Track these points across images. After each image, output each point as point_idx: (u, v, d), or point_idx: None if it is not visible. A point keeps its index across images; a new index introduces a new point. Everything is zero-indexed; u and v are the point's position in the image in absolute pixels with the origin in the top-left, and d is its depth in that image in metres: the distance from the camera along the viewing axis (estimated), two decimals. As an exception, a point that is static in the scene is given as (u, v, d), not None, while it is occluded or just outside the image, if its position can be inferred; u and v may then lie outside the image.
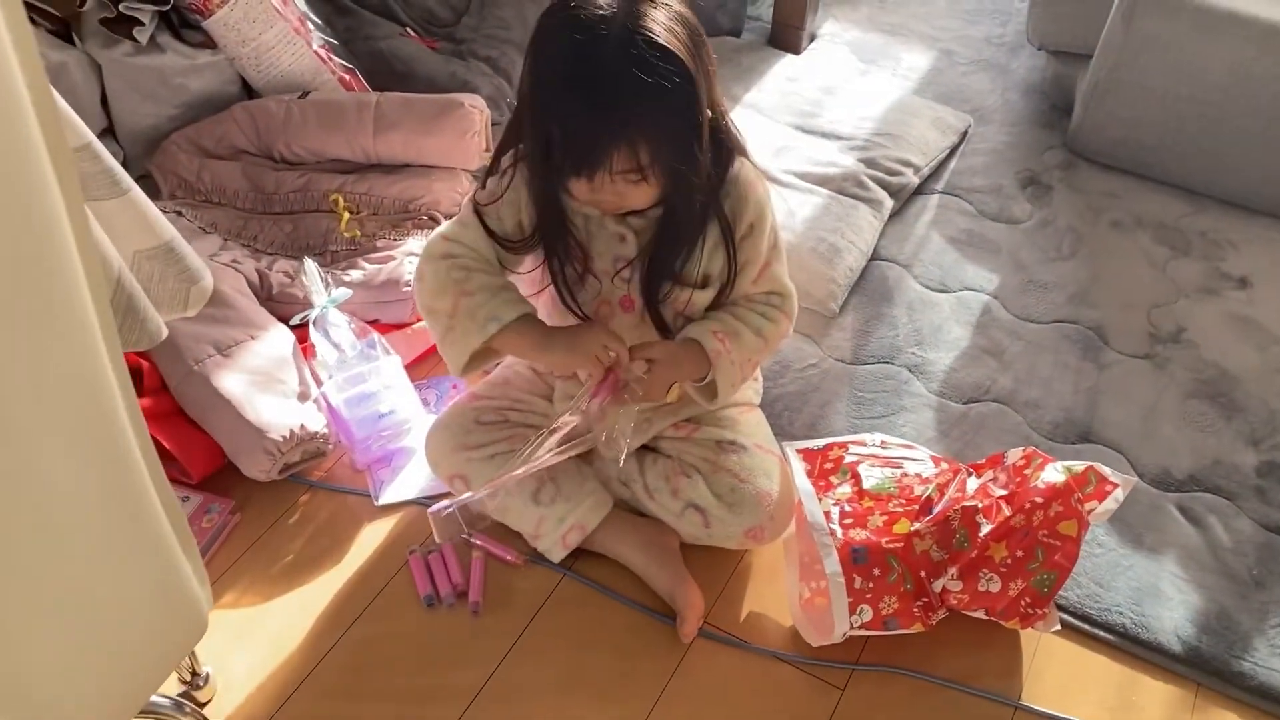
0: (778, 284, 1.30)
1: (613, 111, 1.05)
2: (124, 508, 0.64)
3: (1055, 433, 1.59)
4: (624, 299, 1.28)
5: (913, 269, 1.85)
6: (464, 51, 2.05)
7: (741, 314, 1.28)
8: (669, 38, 1.04)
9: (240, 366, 1.46)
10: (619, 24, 1.03)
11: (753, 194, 1.23)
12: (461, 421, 1.37)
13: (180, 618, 0.75)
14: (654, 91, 1.03)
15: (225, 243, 1.73)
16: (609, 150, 1.06)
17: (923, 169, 2.00)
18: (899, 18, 2.51)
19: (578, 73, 1.04)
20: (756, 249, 1.25)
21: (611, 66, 1.03)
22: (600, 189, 1.11)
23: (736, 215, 1.23)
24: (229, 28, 1.79)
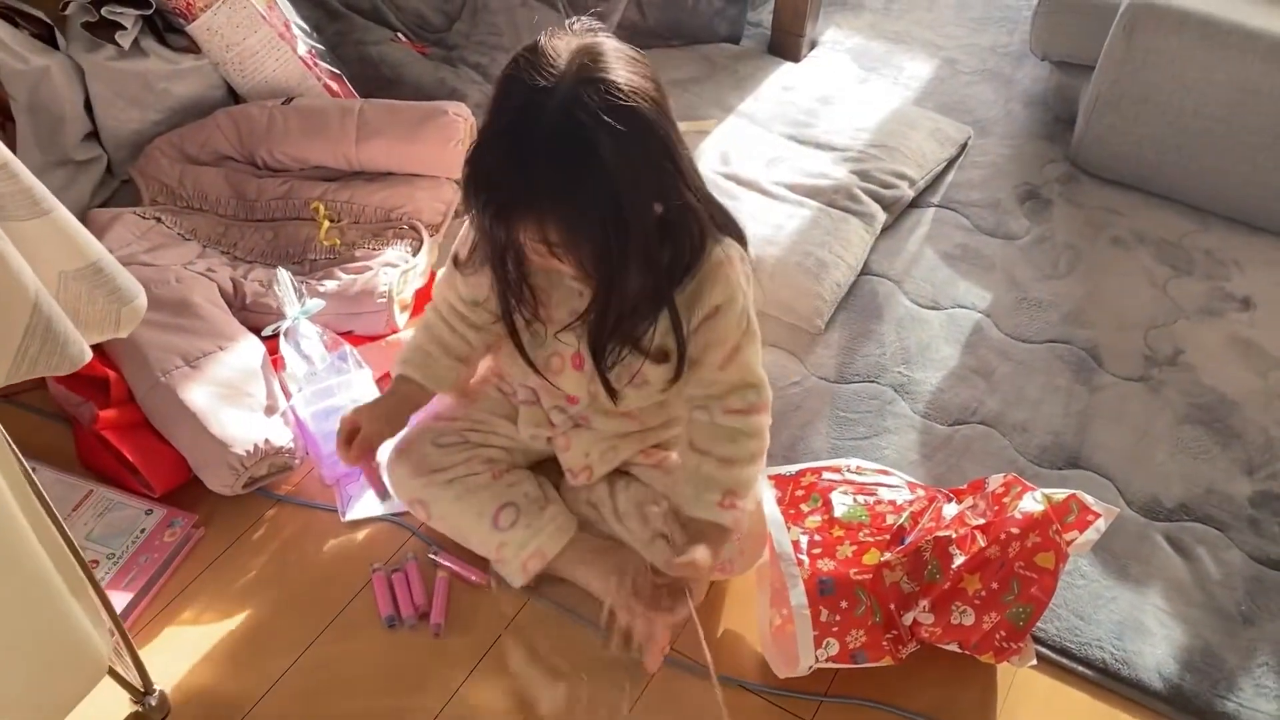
0: (749, 373, 1.21)
1: (523, 183, 0.98)
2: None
3: (1042, 457, 1.54)
4: (575, 356, 1.23)
5: (904, 285, 1.81)
6: (454, 58, 2.03)
7: (729, 452, 1.21)
8: (596, 134, 0.95)
9: (207, 379, 1.43)
10: (556, 97, 0.96)
11: (722, 275, 1.14)
12: (418, 444, 1.34)
13: (70, 663, 0.72)
14: (571, 177, 0.97)
15: (204, 250, 1.71)
16: (516, 217, 1.01)
17: (918, 182, 1.96)
18: (903, 25, 2.47)
19: (507, 132, 0.99)
20: (720, 331, 1.17)
21: (533, 138, 0.96)
22: (535, 250, 1.06)
23: (699, 296, 1.15)
24: (213, 32, 1.78)
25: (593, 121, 0.95)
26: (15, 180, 0.78)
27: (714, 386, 1.21)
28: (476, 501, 1.30)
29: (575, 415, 1.32)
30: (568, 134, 0.96)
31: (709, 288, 1.14)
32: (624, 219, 1.01)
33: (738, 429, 1.22)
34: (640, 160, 1.00)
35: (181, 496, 1.42)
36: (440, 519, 1.33)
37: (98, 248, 0.86)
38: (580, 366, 1.23)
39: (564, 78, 0.96)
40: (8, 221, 0.78)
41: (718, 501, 1.21)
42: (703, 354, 1.18)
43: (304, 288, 1.58)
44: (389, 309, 1.60)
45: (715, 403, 1.21)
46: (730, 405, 1.21)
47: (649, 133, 1.00)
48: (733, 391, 1.21)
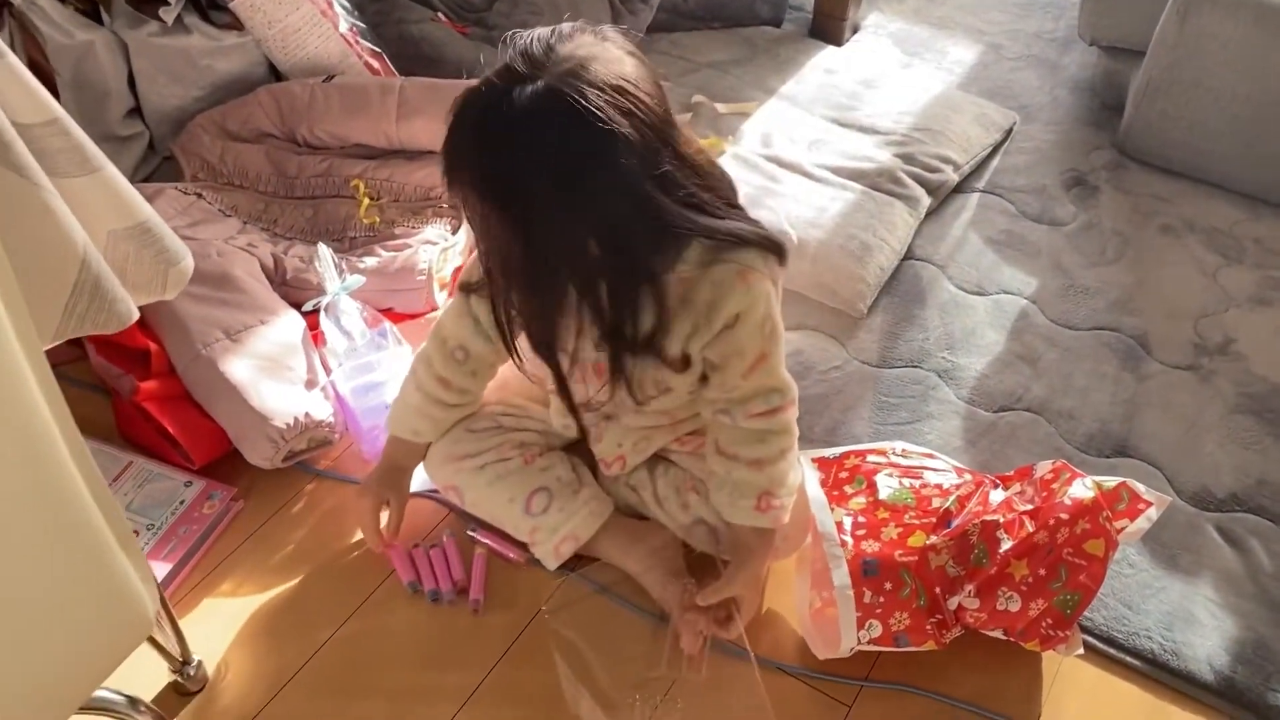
0: (774, 379, 1.18)
1: (455, 148, 1.00)
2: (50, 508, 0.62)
3: (1089, 445, 1.51)
4: (597, 364, 1.18)
5: (948, 270, 1.78)
6: (494, 38, 2.00)
7: (758, 454, 1.19)
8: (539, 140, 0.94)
9: (248, 352, 1.43)
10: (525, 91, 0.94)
11: (740, 285, 1.10)
12: (453, 430, 1.33)
13: (118, 616, 0.72)
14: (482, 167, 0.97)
15: (244, 226, 1.71)
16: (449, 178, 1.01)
17: (963, 166, 1.93)
18: (946, 10, 2.44)
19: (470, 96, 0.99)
20: (740, 340, 1.13)
21: (482, 118, 0.97)
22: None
23: (716, 306, 1.10)
24: (256, 9, 1.78)
25: (537, 129, 0.93)
26: (66, 136, 0.78)
27: (735, 392, 1.17)
28: (508, 487, 1.30)
29: (604, 412, 1.31)
30: (510, 129, 0.94)
31: (727, 297, 1.10)
32: (529, 227, 0.98)
33: (765, 429, 1.19)
34: (573, 186, 0.96)
35: (221, 469, 1.42)
36: (474, 505, 1.33)
37: (146, 208, 0.86)
38: (603, 374, 1.17)
39: (541, 75, 0.94)
40: (58, 178, 0.77)
41: (753, 506, 1.20)
42: (724, 362, 1.15)
43: (344, 264, 1.57)
44: (428, 286, 1.60)
45: (737, 407, 1.18)
46: (753, 409, 1.18)
47: (599, 164, 0.95)
48: (755, 396, 1.18)
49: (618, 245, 1.02)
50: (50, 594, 0.64)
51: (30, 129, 0.74)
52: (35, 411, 0.59)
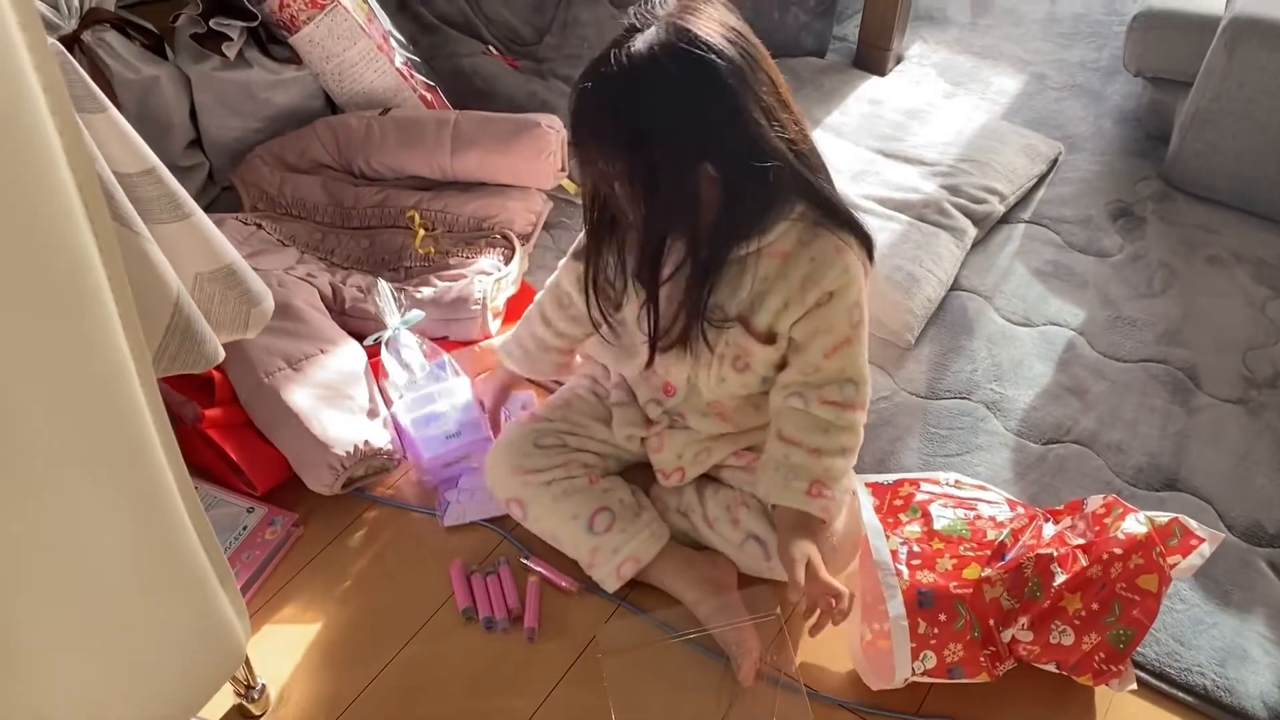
0: (853, 367, 1.22)
1: (581, 110, 1.07)
2: (158, 543, 0.64)
3: (1139, 479, 1.52)
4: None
5: (994, 301, 1.79)
6: (545, 71, 2.06)
7: (819, 442, 1.22)
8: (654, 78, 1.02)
9: (309, 380, 1.47)
10: (638, 40, 1.03)
11: (840, 261, 1.16)
12: (520, 444, 1.37)
13: (216, 649, 0.75)
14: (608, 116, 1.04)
15: (302, 255, 1.75)
16: (575, 142, 1.10)
17: (1009, 197, 1.95)
18: (990, 40, 2.45)
19: (590, 64, 1.07)
20: (830, 319, 1.18)
21: (602, 75, 1.04)
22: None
23: (814, 279, 1.16)
24: (314, 44, 1.82)
25: (654, 67, 1.01)
26: (161, 185, 0.81)
27: (815, 374, 1.21)
28: (573, 504, 1.32)
29: (671, 411, 1.33)
30: (630, 72, 1.01)
31: (824, 272, 1.16)
32: (653, 164, 1.06)
33: (831, 421, 1.22)
34: (691, 115, 1.04)
35: (282, 495, 1.45)
36: (536, 520, 1.35)
37: (231, 251, 0.89)
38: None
39: (653, 21, 1.03)
40: (153, 224, 0.81)
41: (805, 489, 1.21)
42: (809, 339, 1.20)
43: (402, 297, 1.61)
44: (483, 315, 1.63)
45: (813, 391, 1.22)
46: (827, 396, 1.21)
47: (713, 91, 1.03)
48: (832, 382, 1.21)
49: (731, 181, 1.08)
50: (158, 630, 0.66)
51: (129, 178, 0.77)
52: (152, 452, 0.61)
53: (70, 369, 0.53)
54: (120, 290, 0.55)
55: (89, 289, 0.53)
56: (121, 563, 0.61)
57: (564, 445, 1.37)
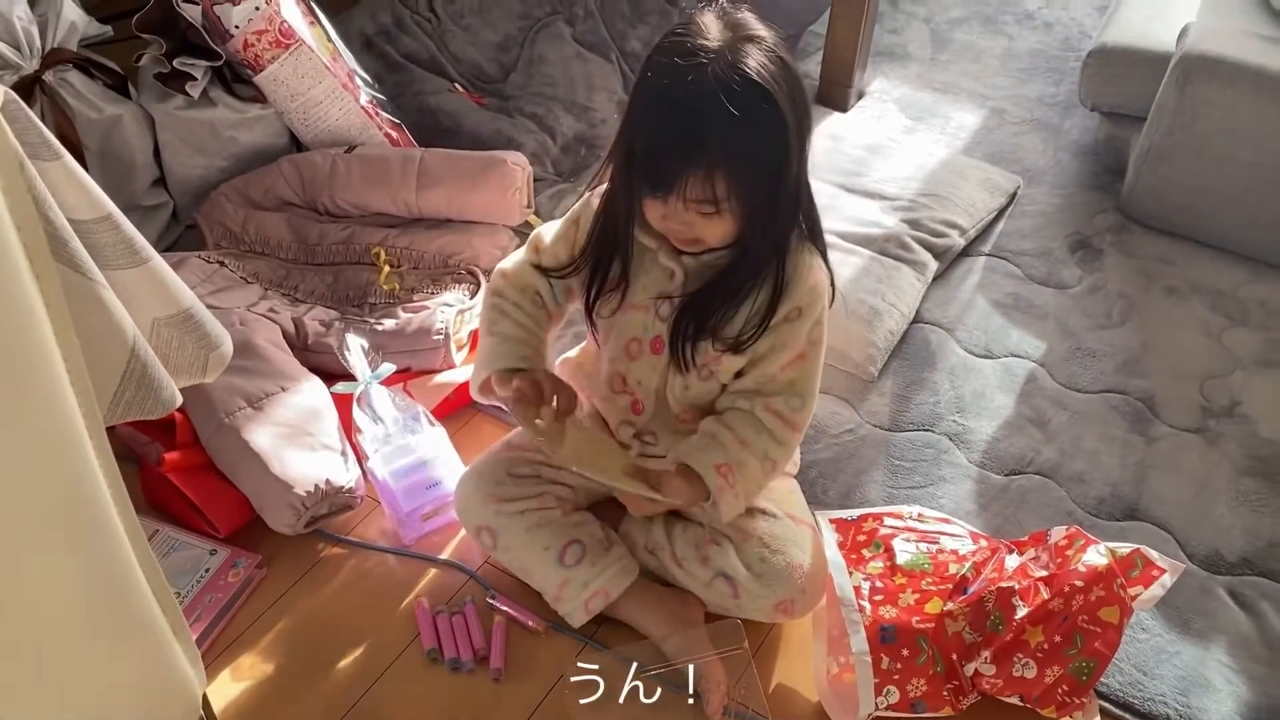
0: (804, 383, 1.26)
1: (697, 137, 1.07)
2: (109, 596, 0.64)
3: (1100, 509, 1.53)
4: (655, 340, 1.28)
5: (956, 333, 1.81)
6: (510, 108, 2.07)
7: (749, 437, 1.24)
8: (764, 75, 1.05)
9: (270, 419, 1.46)
10: (720, 55, 1.05)
11: (810, 278, 1.22)
12: (493, 472, 1.36)
13: (170, 701, 0.74)
14: (740, 124, 1.05)
15: (265, 292, 1.75)
16: (685, 174, 1.08)
17: (969, 230, 1.97)
18: (949, 75, 2.49)
19: (671, 92, 1.08)
20: (795, 335, 1.23)
21: (703, 93, 1.05)
22: (673, 214, 1.13)
23: (787, 292, 1.21)
24: (279, 83, 1.83)
25: (762, 69, 1.05)
26: (117, 231, 0.81)
27: (769, 384, 1.25)
28: (545, 535, 1.32)
29: (643, 431, 1.34)
30: (739, 83, 1.04)
31: (794, 289, 1.21)
32: (787, 167, 1.11)
33: (770, 429, 1.25)
34: (799, 111, 1.09)
35: (244, 536, 1.44)
36: (506, 550, 1.34)
37: (189, 295, 0.89)
38: (659, 350, 1.27)
39: (724, 40, 1.06)
40: (109, 270, 0.80)
41: (716, 464, 1.23)
42: (770, 353, 1.24)
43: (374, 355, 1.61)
44: (445, 346, 1.63)
45: (760, 400, 1.25)
46: (774, 405, 1.25)
47: (800, 86, 1.10)
48: (781, 393, 1.25)
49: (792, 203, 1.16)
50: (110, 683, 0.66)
51: (85, 224, 0.77)
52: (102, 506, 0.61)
53: (16, 423, 0.53)
54: (67, 342, 0.55)
55: (34, 343, 0.53)
56: (72, 616, 0.60)
57: (538, 476, 1.37)
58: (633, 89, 1.16)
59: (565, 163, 2.05)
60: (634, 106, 1.14)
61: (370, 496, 1.50)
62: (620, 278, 1.26)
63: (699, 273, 1.23)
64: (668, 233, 1.18)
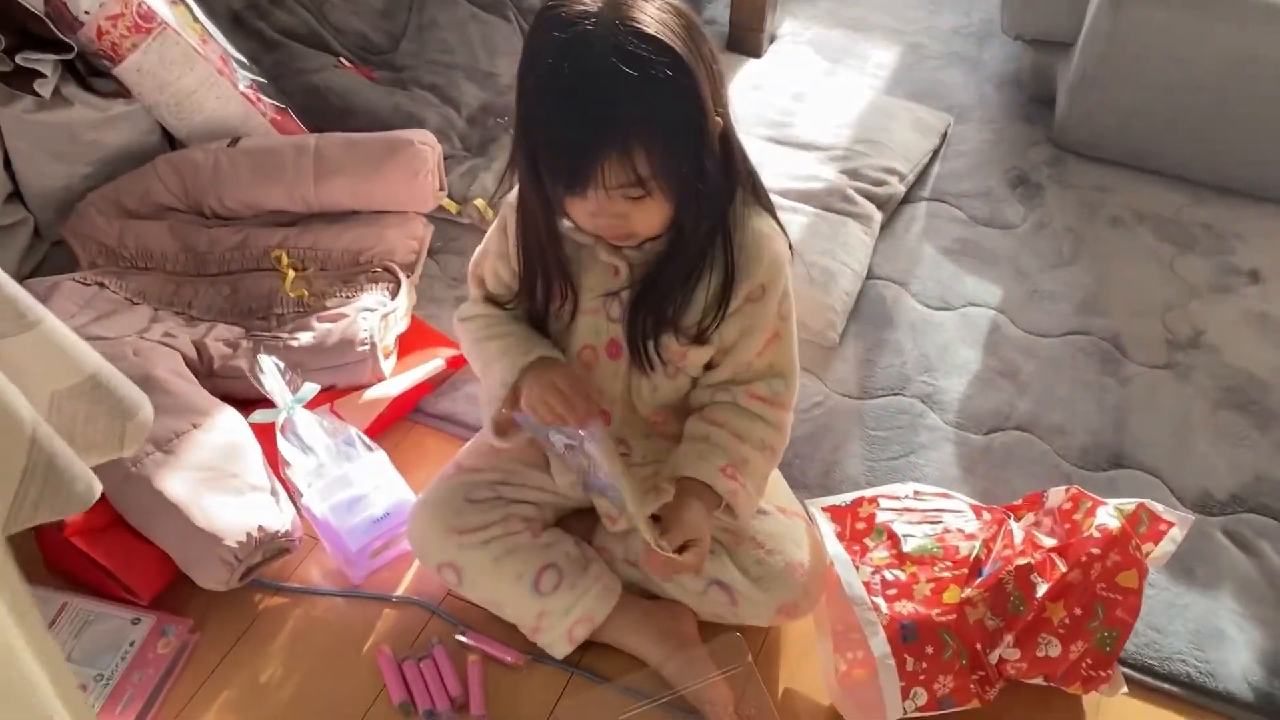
0: (783, 362, 1.16)
1: (601, 114, 0.94)
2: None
3: (1085, 460, 1.47)
4: (610, 343, 1.15)
5: (910, 286, 1.72)
6: (406, 80, 1.89)
7: (742, 429, 1.13)
8: (659, 28, 0.93)
9: (184, 463, 1.28)
10: (604, 18, 0.92)
11: (768, 249, 1.10)
12: (450, 500, 1.22)
13: None
14: (647, 87, 0.92)
15: (156, 313, 1.55)
16: (599, 159, 0.95)
17: (908, 176, 1.88)
18: (859, 10, 2.39)
19: (559, 73, 0.94)
20: (764, 315, 1.12)
21: (597, 63, 0.92)
22: (600, 210, 1.00)
23: (745, 272, 1.09)
24: (143, 74, 1.61)
25: (654, 20, 0.93)
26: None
27: (745, 372, 1.15)
28: (516, 563, 1.19)
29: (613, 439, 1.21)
30: (632, 40, 0.91)
31: (753, 265, 1.09)
32: (703, 121, 0.98)
33: (759, 415, 1.15)
34: (702, 55, 0.97)
35: (170, 597, 1.27)
36: (473, 585, 1.20)
37: (93, 358, 0.72)
38: (617, 354, 1.15)
39: (601, 11, 0.93)
40: (-9, 340, 0.63)
41: (721, 466, 1.11)
42: (740, 339, 1.12)
43: (279, 348, 1.43)
44: (372, 356, 1.46)
45: (740, 388, 1.15)
46: (755, 390, 1.15)
47: (699, 30, 0.98)
48: (760, 378, 1.15)
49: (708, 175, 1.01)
50: None
51: (-52, 288, 0.60)
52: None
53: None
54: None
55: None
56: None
57: (499, 498, 1.22)
58: (517, 79, 1.00)
59: (473, 136, 1.88)
60: (523, 98, 0.99)
61: (308, 534, 1.34)
62: (563, 285, 1.12)
63: (644, 263, 1.10)
64: (600, 230, 1.05)
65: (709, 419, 1.16)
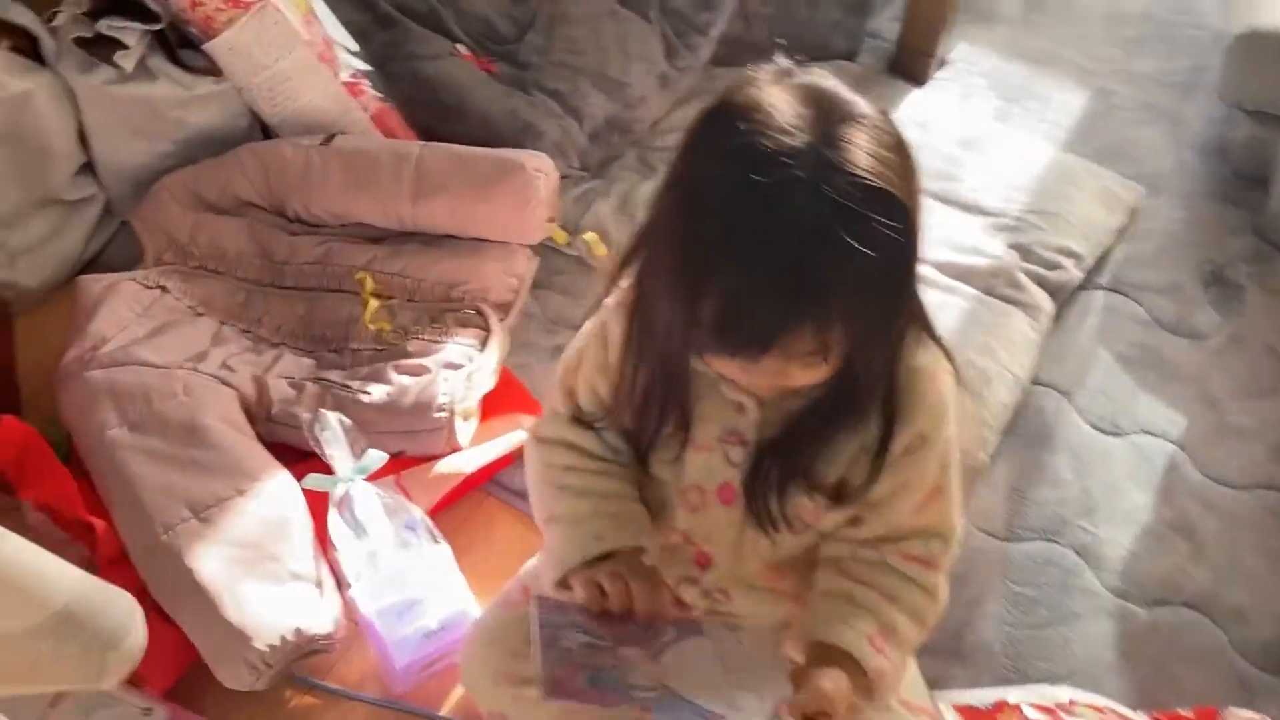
0: (943, 522, 0.94)
1: (802, 283, 0.73)
2: None
3: (1269, 660, 1.23)
4: (724, 487, 0.94)
5: (1075, 398, 1.48)
6: (526, 81, 1.67)
7: (894, 589, 0.92)
8: (879, 169, 0.72)
9: (222, 536, 1.12)
10: (813, 158, 0.72)
11: (932, 390, 0.89)
12: (508, 637, 1.02)
13: None
14: (862, 252, 0.71)
15: (220, 329, 1.38)
16: (787, 331, 0.75)
17: (1086, 259, 1.61)
18: (1045, 41, 2.09)
19: (751, 226, 0.73)
20: (923, 468, 0.90)
21: (804, 221, 0.72)
22: (759, 370, 0.79)
23: (904, 418, 0.88)
24: (236, 53, 1.42)
25: (873, 162, 0.72)
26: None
27: (896, 531, 0.93)
28: None
29: (710, 588, 1.01)
30: (849, 192, 0.71)
31: (914, 410, 0.88)
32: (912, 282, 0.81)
33: (912, 577, 0.93)
34: (916, 199, 0.78)
35: (189, 685, 1.11)
36: None
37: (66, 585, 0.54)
38: (730, 500, 0.94)
39: (812, 127, 0.73)
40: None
41: (869, 634, 0.90)
42: (894, 495, 0.91)
43: (347, 401, 1.26)
44: (449, 425, 1.28)
45: (890, 546, 0.94)
46: (909, 550, 0.93)
47: (916, 174, 0.78)
48: (916, 536, 0.93)
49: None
50: None
51: None
52: None
53: None
54: None
55: None
56: None
57: None
58: (674, 199, 0.80)
59: (594, 154, 1.66)
60: (694, 241, 0.77)
61: (350, 619, 1.17)
62: (678, 418, 0.92)
63: (779, 403, 0.89)
64: (749, 386, 0.86)
65: (851, 575, 0.94)
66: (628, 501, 0.98)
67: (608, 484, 0.98)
